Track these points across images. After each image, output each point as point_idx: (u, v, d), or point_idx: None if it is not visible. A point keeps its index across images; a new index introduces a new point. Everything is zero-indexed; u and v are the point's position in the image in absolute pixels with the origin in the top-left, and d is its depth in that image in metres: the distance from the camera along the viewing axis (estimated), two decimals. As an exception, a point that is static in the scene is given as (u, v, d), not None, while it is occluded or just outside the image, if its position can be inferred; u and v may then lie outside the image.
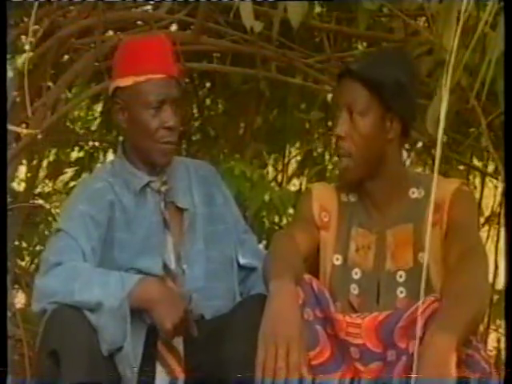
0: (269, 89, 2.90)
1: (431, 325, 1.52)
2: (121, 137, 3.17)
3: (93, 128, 3.87)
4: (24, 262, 3.33)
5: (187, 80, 3.35)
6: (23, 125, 2.50)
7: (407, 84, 1.77)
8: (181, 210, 2.00)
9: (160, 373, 1.84)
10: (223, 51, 2.78)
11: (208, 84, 3.59)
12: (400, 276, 1.80)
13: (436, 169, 1.33)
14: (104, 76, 2.47)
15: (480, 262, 1.67)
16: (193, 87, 3.50)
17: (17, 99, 2.42)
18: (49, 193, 3.65)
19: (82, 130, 3.89)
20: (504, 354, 1.53)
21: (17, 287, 3.11)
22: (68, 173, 3.70)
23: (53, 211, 3.47)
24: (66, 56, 2.68)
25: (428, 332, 1.50)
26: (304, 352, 1.56)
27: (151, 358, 1.84)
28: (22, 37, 2.54)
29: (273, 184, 3.50)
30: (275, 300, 1.59)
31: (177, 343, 1.86)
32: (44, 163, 3.43)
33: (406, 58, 1.89)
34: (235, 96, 3.36)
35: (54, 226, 2.08)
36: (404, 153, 1.98)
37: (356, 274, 1.84)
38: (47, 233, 3.17)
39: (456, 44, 1.29)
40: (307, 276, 1.72)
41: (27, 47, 2.33)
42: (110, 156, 3.60)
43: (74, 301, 1.75)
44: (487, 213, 3.46)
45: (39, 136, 2.54)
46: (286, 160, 3.74)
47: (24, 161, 3.09)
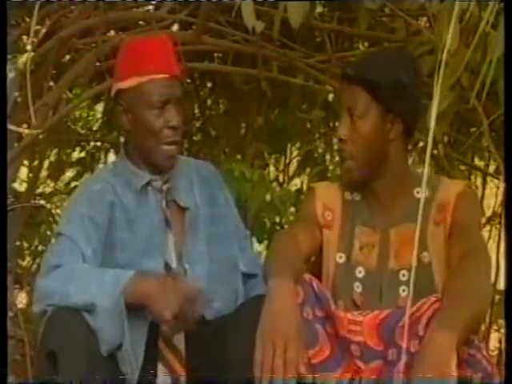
0: (270, 89, 2.90)
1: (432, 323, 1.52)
2: (122, 137, 3.17)
3: (94, 128, 3.87)
4: (25, 262, 3.34)
5: (188, 80, 3.35)
6: (25, 125, 2.51)
7: (409, 83, 1.76)
8: (182, 209, 2.00)
9: (161, 373, 1.84)
10: (224, 51, 2.78)
11: (209, 84, 3.59)
12: (403, 275, 1.80)
13: (426, 166, 1.32)
14: (105, 76, 2.47)
15: (482, 262, 1.67)
16: (194, 87, 3.50)
17: (18, 99, 2.42)
18: (50, 193, 3.64)
19: (84, 130, 3.89)
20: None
21: (18, 287, 3.11)
22: (69, 173, 3.71)
23: (54, 211, 3.47)
24: (68, 56, 2.67)
25: (428, 330, 1.51)
26: (302, 350, 1.55)
27: (153, 358, 1.83)
28: (24, 37, 2.54)
29: (274, 184, 3.51)
30: (274, 298, 1.59)
31: (178, 343, 1.86)
32: (45, 163, 3.43)
33: (408, 58, 1.88)
34: (236, 96, 3.36)
35: (55, 230, 2.08)
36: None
37: (360, 273, 1.84)
38: (48, 233, 3.17)
39: (449, 43, 1.28)
40: (307, 275, 1.72)
41: (29, 47, 2.33)
42: (112, 156, 3.60)
43: (71, 302, 1.75)
44: (488, 213, 3.46)
45: (40, 136, 2.54)
46: (287, 160, 3.74)
47: (25, 161, 3.09)
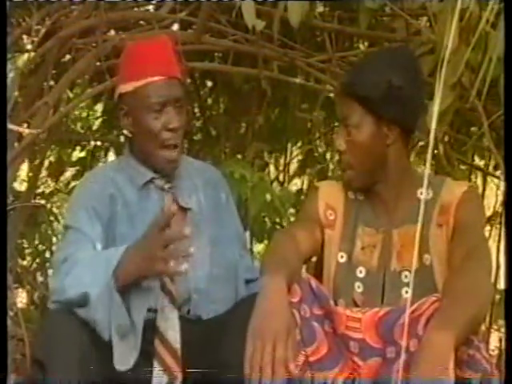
0: (270, 88, 2.89)
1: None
2: (122, 137, 3.17)
3: (94, 128, 3.86)
4: (25, 262, 3.34)
5: (189, 80, 3.34)
6: (25, 124, 2.51)
7: (403, 84, 1.75)
8: (184, 210, 2.00)
9: (157, 371, 1.84)
10: (225, 51, 2.77)
11: (210, 83, 3.59)
12: (405, 276, 1.80)
13: (427, 166, 1.32)
14: (105, 76, 2.47)
15: (482, 262, 1.67)
16: (194, 87, 3.50)
17: (18, 99, 2.42)
18: (50, 193, 3.64)
19: (84, 130, 3.88)
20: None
21: (18, 286, 3.11)
22: (69, 172, 3.71)
23: (54, 211, 3.47)
24: (68, 56, 2.67)
25: (427, 330, 1.50)
26: (293, 348, 1.54)
27: (148, 357, 1.83)
28: (24, 36, 2.54)
29: (274, 183, 3.51)
30: (264, 296, 1.58)
31: (174, 342, 1.85)
32: (46, 163, 3.42)
33: (403, 56, 1.85)
34: (237, 95, 3.36)
35: (62, 224, 2.09)
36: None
37: (360, 273, 1.84)
38: (49, 232, 3.17)
39: (451, 41, 1.28)
40: (305, 275, 1.72)
41: (29, 47, 2.34)
42: (112, 156, 3.60)
43: (66, 298, 1.75)
44: (489, 212, 3.45)
45: (41, 136, 2.54)
46: (288, 159, 3.74)
47: (26, 160, 3.09)
